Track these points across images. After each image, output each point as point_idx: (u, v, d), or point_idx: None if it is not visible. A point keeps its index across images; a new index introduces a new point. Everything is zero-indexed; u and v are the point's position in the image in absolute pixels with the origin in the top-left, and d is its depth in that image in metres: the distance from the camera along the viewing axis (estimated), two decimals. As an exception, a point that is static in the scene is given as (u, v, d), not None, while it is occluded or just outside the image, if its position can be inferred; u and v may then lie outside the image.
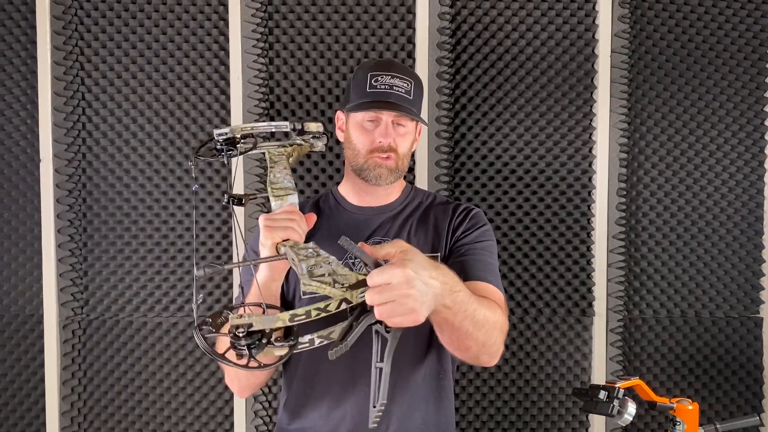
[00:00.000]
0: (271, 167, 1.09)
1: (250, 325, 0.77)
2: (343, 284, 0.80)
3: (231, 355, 0.80)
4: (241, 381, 1.19)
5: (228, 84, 1.77)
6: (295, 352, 0.81)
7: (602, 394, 1.34)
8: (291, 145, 1.14)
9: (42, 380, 1.80)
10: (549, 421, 1.82)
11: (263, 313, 0.86)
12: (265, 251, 0.99)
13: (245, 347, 0.77)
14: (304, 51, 1.77)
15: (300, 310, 0.78)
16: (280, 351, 0.80)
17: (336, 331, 0.82)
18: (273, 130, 1.07)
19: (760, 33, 1.81)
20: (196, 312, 0.79)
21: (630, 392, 1.38)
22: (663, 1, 1.80)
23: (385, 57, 1.76)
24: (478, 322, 0.98)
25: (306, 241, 0.97)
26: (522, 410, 1.81)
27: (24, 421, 1.83)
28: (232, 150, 1.04)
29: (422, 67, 1.75)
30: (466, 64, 1.79)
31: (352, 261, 1.19)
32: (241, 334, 0.77)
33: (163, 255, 1.78)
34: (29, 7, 1.76)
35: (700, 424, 1.39)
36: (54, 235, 1.78)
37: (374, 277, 0.79)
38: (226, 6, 1.76)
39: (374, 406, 0.88)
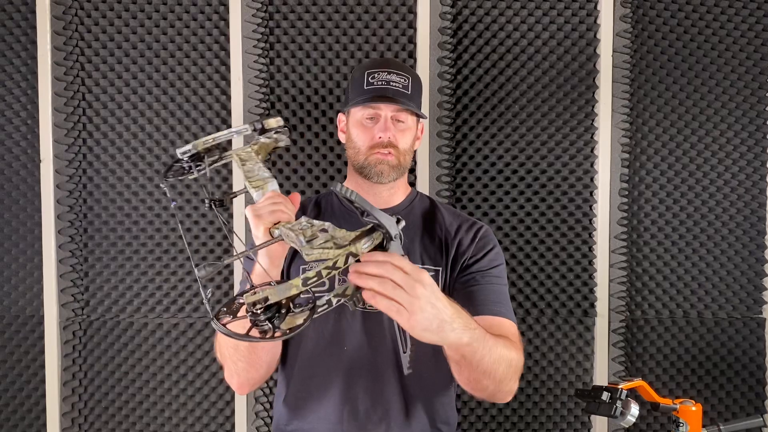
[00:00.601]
0: (242, 165, 1.08)
1: (266, 299, 0.76)
2: (344, 244, 0.79)
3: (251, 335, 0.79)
4: (240, 376, 1.17)
5: (229, 84, 1.77)
6: (315, 316, 0.80)
7: (605, 395, 1.33)
8: (256, 144, 1.13)
9: (42, 381, 1.80)
10: (551, 422, 1.81)
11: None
12: (258, 241, 0.97)
13: (266, 321, 0.77)
14: (304, 51, 1.77)
15: (311, 273, 0.76)
16: (301, 316, 0.79)
17: (350, 286, 0.81)
18: (234, 136, 1.06)
19: (762, 32, 1.81)
20: (209, 304, 0.78)
21: (632, 393, 1.37)
22: (665, 0, 1.80)
23: (386, 57, 1.76)
24: (496, 360, 0.98)
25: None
26: (524, 411, 1.81)
27: (24, 422, 1.82)
28: (200, 164, 1.04)
29: (423, 67, 1.75)
30: (468, 63, 1.78)
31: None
32: (259, 311, 0.76)
33: (164, 256, 1.78)
34: (29, 7, 1.75)
35: (703, 425, 1.38)
36: (54, 236, 1.77)
37: (396, 259, 0.78)
38: (226, 6, 1.76)
39: (404, 352, 0.88)
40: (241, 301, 0.78)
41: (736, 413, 1.84)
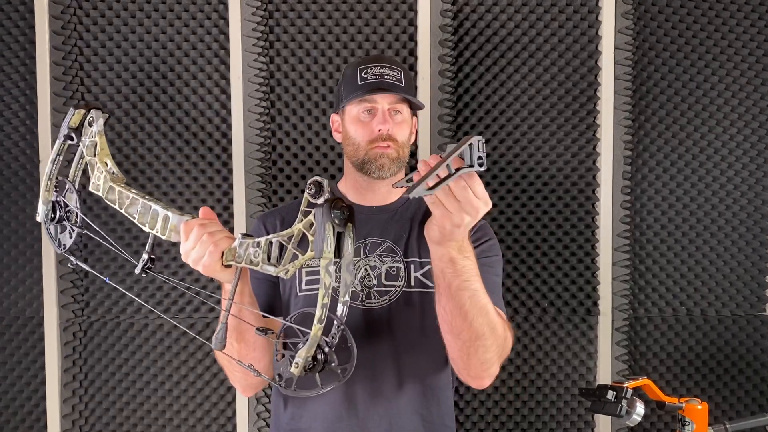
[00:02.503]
0: (127, 212, 1.03)
1: (311, 364, 0.86)
2: (290, 237, 0.87)
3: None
4: (241, 382, 1.19)
5: (228, 83, 1.76)
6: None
7: (610, 395, 1.32)
8: (87, 145, 1.03)
9: (43, 383, 1.79)
10: (554, 421, 1.80)
11: (264, 331, 0.94)
12: (224, 279, 0.99)
13: (318, 373, 0.89)
14: (304, 49, 1.76)
15: (318, 312, 0.84)
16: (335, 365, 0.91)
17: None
18: (59, 158, 1.05)
19: (765, 29, 1.80)
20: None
21: (637, 392, 1.36)
22: (667, -3, 1.79)
23: (386, 55, 1.75)
24: (476, 304, 1.00)
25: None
26: (527, 410, 1.80)
27: (25, 424, 1.81)
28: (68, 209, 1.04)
29: (424, 65, 1.74)
30: (469, 61, 1.77)
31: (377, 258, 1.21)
32: (308, 372, 0.87)
33: (164, 256, 1.77)
34: (28, 6, 1.74)
35: (709, 424, 1.37)
36: (54, 237, 1.76)
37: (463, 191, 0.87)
38: (226, 5, 1.75)
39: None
40: (292, 370, 0.86)
41: (741, 411, 1.83)
